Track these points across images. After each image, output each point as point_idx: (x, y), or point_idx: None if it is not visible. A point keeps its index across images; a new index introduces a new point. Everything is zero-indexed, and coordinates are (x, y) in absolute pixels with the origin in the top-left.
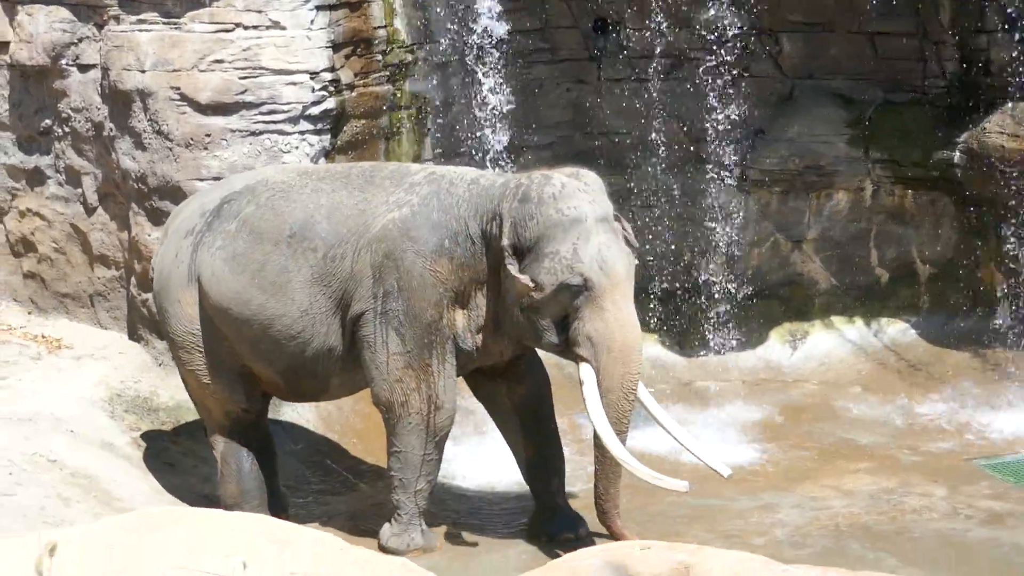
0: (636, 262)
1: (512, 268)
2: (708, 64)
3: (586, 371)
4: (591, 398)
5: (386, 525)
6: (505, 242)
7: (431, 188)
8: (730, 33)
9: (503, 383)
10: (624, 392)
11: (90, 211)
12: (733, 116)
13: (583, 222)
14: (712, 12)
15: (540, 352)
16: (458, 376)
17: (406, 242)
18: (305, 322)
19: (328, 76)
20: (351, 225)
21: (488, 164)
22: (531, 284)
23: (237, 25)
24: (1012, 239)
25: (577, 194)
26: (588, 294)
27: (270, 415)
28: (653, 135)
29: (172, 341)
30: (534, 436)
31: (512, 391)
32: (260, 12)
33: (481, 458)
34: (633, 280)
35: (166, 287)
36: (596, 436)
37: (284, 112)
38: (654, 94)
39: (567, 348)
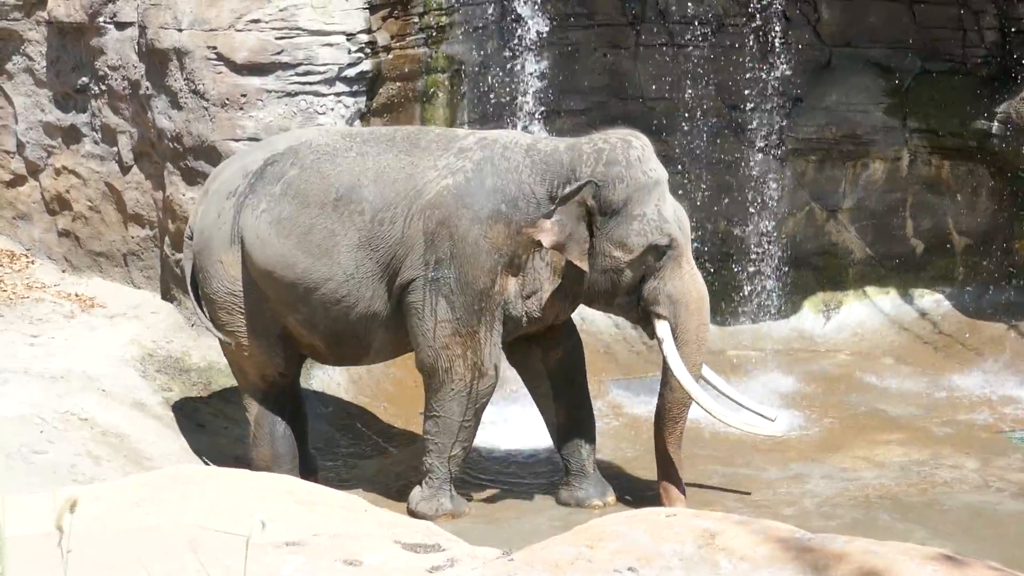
0: None
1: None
2: (746, 31)
3: (664, 328)
4: (673, 355)
5: (416, 489)
6: (592, 202)
7: (484, 154)
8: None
9: (538, 348)
10: (699, 343)
11: (125, 170)
12: (770, 84)
13: (661, 184)
14: None
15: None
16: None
17: (461, 209)
18: (350, 286)
19: (365, 38)
20: (399, 189)
21: (523, 129)
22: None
23: None
24: None
25: (652, 156)
26: (671, 253)
27: (300, 379)
28: (690, 102)
29: (212, 301)
30: (566, 402)
31: (547, 356)
32: None
33: (512, 423)
34: None
35: (207, 247)
36: (667, 396)
37: (320, 73)
38: (691, 60)
39: (636, 307)
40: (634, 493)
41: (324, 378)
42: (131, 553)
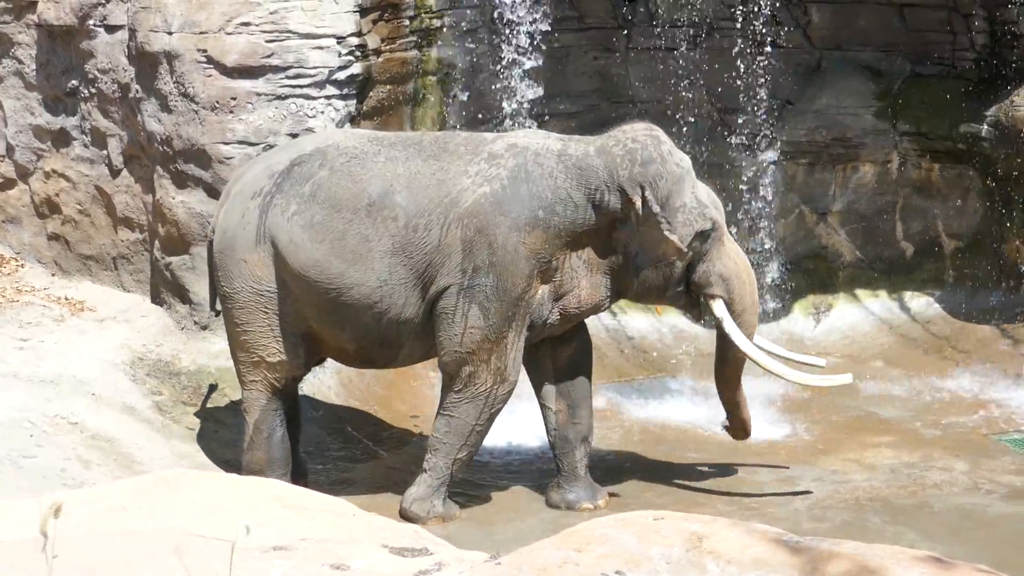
0: None
1: (667, 231)
2: (736, 34)
3: (721, 307)
4: (735, 331)
5: (412, 487)
6: (657, 208)
7: (517, 161)
8: (759, 3)
9: (548, 344)
10: (755, 307)
11: (115, 173)
12: (761, 87)
13: (691, 171)
14: None
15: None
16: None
17: (499, 217)
18: (383, 292)
19: (355, 41)
20: (432, 195)
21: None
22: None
23: None
24: None
25: (676, 147)
26: (714, 235)
27: None
28: (680, 105)
29: (232, 300)
30: (567, 401)
31: (556, 353)
32: None
33: (509, 423)
34: None
35: (230, 247)
36: (729, 362)
37: (310, 76)
38: (682, 64)
39: (685, 294)
40: (625, 497)
41: (314, 382)
42: (117, 558)
